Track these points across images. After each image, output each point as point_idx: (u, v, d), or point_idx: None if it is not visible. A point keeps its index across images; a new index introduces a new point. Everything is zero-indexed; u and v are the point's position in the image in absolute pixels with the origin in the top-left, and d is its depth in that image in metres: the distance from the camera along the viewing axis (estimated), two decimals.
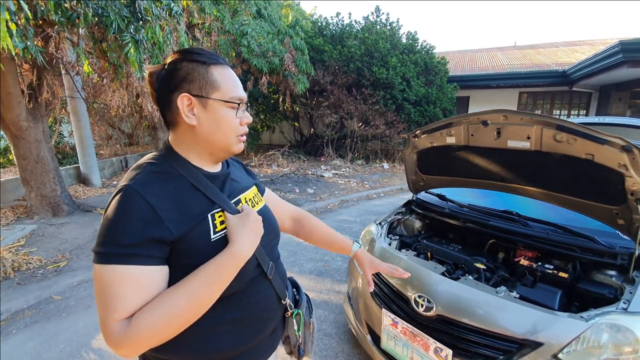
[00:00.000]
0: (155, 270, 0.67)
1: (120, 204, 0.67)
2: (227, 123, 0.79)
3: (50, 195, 4.74)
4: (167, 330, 0.66)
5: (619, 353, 1.23)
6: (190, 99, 0.75)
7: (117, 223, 0.65)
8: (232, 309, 0.79)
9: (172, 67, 0.76)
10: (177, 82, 0.75)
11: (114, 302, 0.63)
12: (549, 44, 15.51)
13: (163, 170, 0.75)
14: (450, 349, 1.44)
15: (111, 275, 0.64)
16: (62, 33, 3.75)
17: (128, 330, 0.62)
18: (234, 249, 0.73)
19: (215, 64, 0.78)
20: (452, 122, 1.85)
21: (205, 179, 0.80)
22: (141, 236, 0.65)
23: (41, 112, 4.61)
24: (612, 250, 1.54)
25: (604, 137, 1.35)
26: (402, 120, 9.85)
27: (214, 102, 0.76)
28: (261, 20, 8.02)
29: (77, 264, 3.53)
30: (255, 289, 0.84)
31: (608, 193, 1.51)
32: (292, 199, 6.20)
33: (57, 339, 2.39)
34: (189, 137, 0.79)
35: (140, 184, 0.69)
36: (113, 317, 0.63)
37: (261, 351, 0.89)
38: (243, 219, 0.77)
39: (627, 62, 6.96)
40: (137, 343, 0.63)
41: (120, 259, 0.64)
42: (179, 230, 0.69)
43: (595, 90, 10.56)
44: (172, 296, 0.66)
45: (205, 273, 0.69)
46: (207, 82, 0.76)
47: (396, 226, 2.45)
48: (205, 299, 0.69)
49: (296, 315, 0.97)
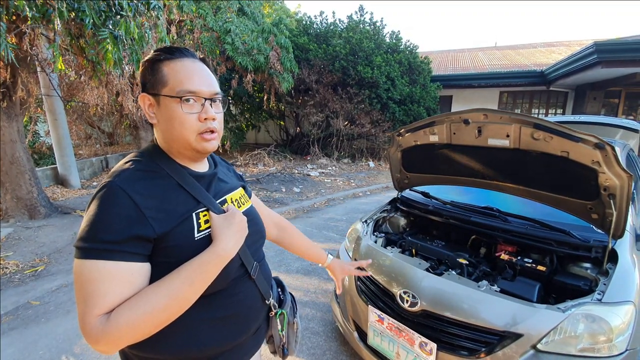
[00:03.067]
0: (136, 266, 0.67)
1: (105, 200, 0.67)
2: (179, 119, 0.75)
3: (26, 197, 4.57)
4: (147, 327, 0.65)
5: (595, 342, 1.29)
6: (150, 98, 0.76)
7: (100, 219, 0.65)
8: (215, 308, 0.79)
9: (141, 68, 0.79)
10: (142, 83, 0.77)
11: (93, 297, 0.63)
12: (528, 44, 15.95)
13: (149, 168, 0.76)
14: (434, 342, 1.48)
15: (92, 270, 0.64)
16: (37, 29, 3.62)
17: (107, 325, 0.62)
18: (218, 247, 0.73)
19: (170, 59, 0.76)
20: (435, 120, 1.89)
21: (192, 179, 0.80)
22: (124, 233, 0.65)
23: (15, 111, 4.43)
24: (586, 243, 1.60)
25: (578, 135, 1.41)
26: (387, 119, 9.94)
27: (164, 98, 0.75)
28: (244, 17, 7.94)
29: (55, 268, 3.42)
30: (238, 288, 0.84)
31: (582, 189, 1.57)
32: (279, 198, 6.18)
33: (37, 345, 2.31)
34: (160, 135, 0.81)
35: (125, 180, 0.69)
36: (92, 312, 0.62)
37: (244, 350, 0.89)
38: (228, 219, 0.77)
39: (601, 63, 7.22)
40: (116, 339, 0.63)
41: (102, 255, 0.64)
42: (162, 228, 0.69)
43: (571, 90, 10.94)
44: (152, 293, 0.66)
45: (188, 271, 0.69)
46: (157, 79, 0.75)
47: (382, 224, 2.48)
48: (187, 296, 0.69)
49: (280, 315, 0.97)
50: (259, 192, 6.41)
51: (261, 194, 6.36)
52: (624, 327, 1.28)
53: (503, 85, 11.39)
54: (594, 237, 1.63)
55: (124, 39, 3.28)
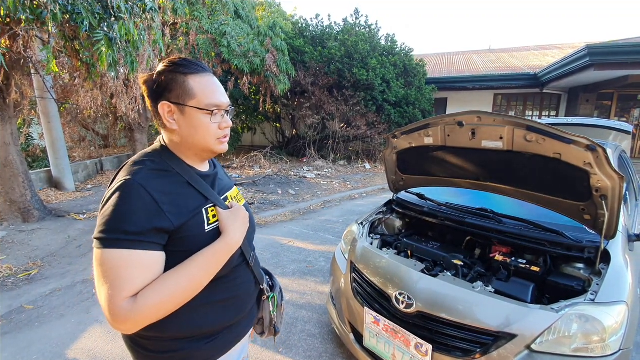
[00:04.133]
0: (156, 255, 0.76)
1: (126, 195, 0.74)
2: (204, 128, 0.86)
3: (19, 201, 4.53)
4: (168, 307, 0.75)
5: (588, 342, 1.30)
6: (170, 106, 0.83)
7: (123, 212, 0.73)
8: (218, 291, 0.89)
9: (157, 77, 0.84)
10: (160, 91, 0.84)
11: (121, 282, 0.70)
12: (522, 47, 16.13)
13: (162, 167, 0.84)
14: (430, 344, 1.48)
15: (118, 258, 0.71)
16: (31, 31, 3.59)
17: (134, 307, 0.70)
18: (228, 237, 0.85)
19: (194, 73, 0.85)
20: (429, 123, 1.90)
21: (199, 178, 0.90)
22: (146, 225, 0.73)
23: (9, 113, 4.40)
24: (579, 244, 1.62)
25: (571, 137, 1.43)
26: (383, 121, 9.99)
27: (191, 109, 0.84)
28: (239, 21, 7.95)
29: (49, 272, 3.39)
30: (238, 273, 0.95)
31: (575, 190, 1.59)
32: (275, 200, 6.17)
33: (30, 350, 2.29)
34: (175, 138, 0.88)
35: (143, 178, 0.78)
36: (120, 295, 0.70)
37: (240, 328, 0.99)
38: (235, 213, 0.89)
39: (593, 65, 7.32)
40: (141, 319, 0.72)
41: (127, 245, 0.72)
42: (178, 221, 0.78)
43: (564, 92, 11.06)
44: (173, 278, 0.76)
45: (202, 258, 0.80)
46: (184, 91, 0.83)
47: (377, 225, 2.49)
48: (202, 280, 0.80)
49: (272, 299, 1.10)
50: (255, 195, 6.40)
51: (257, 196, 6.34)
52: (617, 327, 1.30)
53: (497, 87, 11.50)
54: (587, 238, 1.64)
55: (119, 41, 3.27)
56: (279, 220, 5.22)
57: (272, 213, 5.48)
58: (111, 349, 2.28)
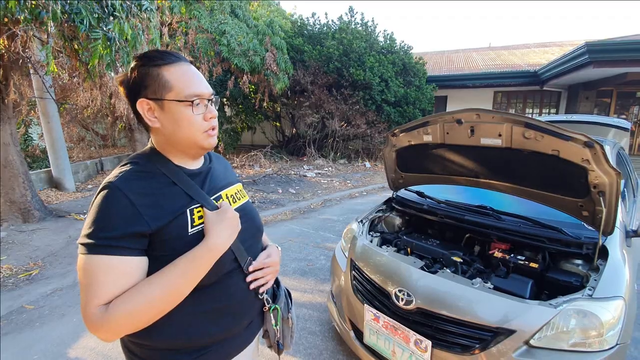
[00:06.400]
0: (134, 260, 0.72)
1: (104, 200, 0.72)
2: (187, 121, 0.80)
3: (19, 201, 4.53)
4: (143, 318, 0.71)
5: (586, 337, 1.31)
6: (149, 103, 0.78)
7: (100, 217, 0.71)
8: (206, 300, 0.82)
9: (131, 75, 0.79)
10: (136, 89, 0.78)
11: (94, 288, 0.68)
12: (522, 45, 16.10)
13: (146, 169, 0.80)
14: (429, 340, 1.49)
15: (93, 264, 0.69)
16: (30, 31, 3.59)
17: (105, 315, 0.68)
18: (210, 242, 0.77)
19: (168, 63, 0.79)
20: (428, 120, 1.91)
21: (186, 177, 0.84)
22: (122, 230, 0.70)
23: (8, 113, 4.40)
24: (578, 240, 1.63)
25: (568, 134, 1.43)
26: (382, 120, 9.98)
27: (170, 103, 0.78)
28: (237, 20, 7.94)
29: (50, 272, 3.40)
30: (230, 281, 0.87)
31: (573, 186, 1.60)
32: (275, 199, 6.18)
33: (31, 350, 2.30)
34: (160, 138, 0.83)
35: (123, 181, 0.74)
36: (93, 302, 0.68)
37: (237, 342, 0.91)
38: (220, 215, 0.81)
39: (592, 63, 7.33)
40: (114, 328, 0.69)
41: (102, 250, 0.69)
42: (157, 224, 0.74)
43: (564, 90, 11.06)
44: (148, 286, 0.71)
45: (182, 264, 0.74)
46: (160, 84, 0.77)
47: (377, 223, 2.50)
48: (181, 288, 0.74)
49: (273, 310, 0.98)
50: (256, 194, 6.41)
51: (257, 195, 6.35)
52: (614, 322, 1.31)
53: (497, 85, 11.50)
54: (585, 234, 1.65)
55: (117, 40, 3.27)
56: (280, 219, 5.23)
57: (272, 212, 5.49)
58: (112, 347, 2.29)
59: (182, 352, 0.82)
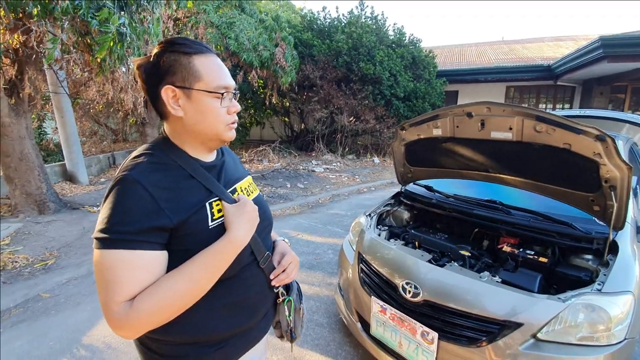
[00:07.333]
0: (155, 255, 0.70)
1: (122, 193, 0.69)
2: (213, 113, 0.79)
3: (35, 193, 4.65)
4: (167, 313, 0.69)
5: (594, 331, 1.30)
6: (175, 90, 0.75)
7: (119, 211, 0.68)
8: (226, 294, 0.82)
9: (156, 60, 0.76)
10: (161, 74, 0.75)
11: (116, 285, 0.66)
12: (536, 38, 15.75)
13: (161, 161, 0.77)
14: (436, 332, 1.50)
15: (113, 259, 0.66)
16: (44, 27, 3.66)
17: (130, 312, 0.65)
18: (232, 235, 0.76)
19: (198, 53, 0.77)
20: (438, 114, 1.90)
21: (203, 170, 0.82)
22: (143, 224, 0.68)
23: (24, 107, 4.50)
24: (588, 235, 1.61)
25: (580, 127, 1.42)
26: (391, 114, 9.90)
27: (198, 92, 0.76)
28: (244, 15, 7.96)
29: (65, 262, 3.50)
30: (248, 274, 0.87)
31: (584, 181, 1.58)
32: (284, 194, 6.22)
33: (47, 337, 2.38)
34: (180, 127, 0.81)
35: (140, 173, 0.71)
36: (115, 299, 0.66)
37: (253, 334, 0.92)
38: (240, 208, 0.80)
39: (607, 57, 7.14)
40: (138, 325, 0.67)
41: (123, 245, 0.67)
42: (178, 218, 0.72)
43: (578, 85, 10.81)
44: (172, 280, 0.70)
45: (204, 258, 0.73)
46: (190, 73, 0.76)
47: (385, 217, 2.50)
48: (204, 283, 0.73)
49: (287, 302, 1.00)
50: (264, 188, 6.45)
51: (266, 189, 6.40)
52: (623, 317, 1.30)
53: (510, 79, 11.29)
54: (596, 229, 1.64)
55: (129, 35, 3.31)
56: (288, 214, 5.26)
57: (280, 206, 5.53)
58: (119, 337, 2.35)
59: (201, 345, 0.81)
